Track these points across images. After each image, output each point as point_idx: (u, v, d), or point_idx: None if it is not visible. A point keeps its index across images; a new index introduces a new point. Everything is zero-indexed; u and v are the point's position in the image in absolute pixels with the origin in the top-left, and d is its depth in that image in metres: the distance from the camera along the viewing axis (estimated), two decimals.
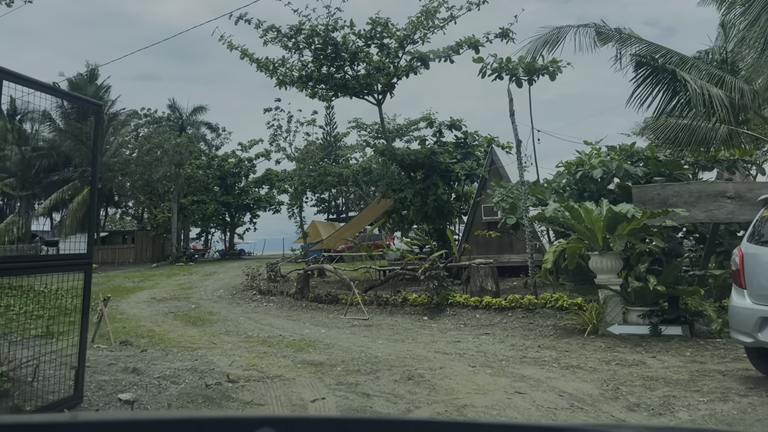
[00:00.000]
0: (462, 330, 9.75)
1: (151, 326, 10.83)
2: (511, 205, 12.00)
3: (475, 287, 11.19)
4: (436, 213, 16.80)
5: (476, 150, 17.22)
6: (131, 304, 14.77)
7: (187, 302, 15.04)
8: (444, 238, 17.46)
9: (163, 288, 19.70)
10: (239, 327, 10.60)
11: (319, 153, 41.30)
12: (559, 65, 14.26)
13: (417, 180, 17.19)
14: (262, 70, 16.96)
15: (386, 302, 12.03)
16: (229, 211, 45.18)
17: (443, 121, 17.26)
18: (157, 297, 16.34)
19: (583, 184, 12.41)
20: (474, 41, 16.49)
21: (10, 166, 39.13)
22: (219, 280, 22.24)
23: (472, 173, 16.22)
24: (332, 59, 15.99)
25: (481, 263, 11.28)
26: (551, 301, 10.37)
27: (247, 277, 17.54)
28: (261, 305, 14.07)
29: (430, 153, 16.14)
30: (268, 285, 16.44)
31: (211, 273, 26.67)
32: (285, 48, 15.83)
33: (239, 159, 43.88)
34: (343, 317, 11.53)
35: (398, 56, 16.44)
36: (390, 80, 17.07)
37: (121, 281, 23.78)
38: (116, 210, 49.15)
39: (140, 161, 36.46)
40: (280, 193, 46.31)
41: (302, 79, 17.06)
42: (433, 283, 10.99)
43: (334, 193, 52.03)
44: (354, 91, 17.37)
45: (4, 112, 42.48)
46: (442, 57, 16.76)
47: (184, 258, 39.75)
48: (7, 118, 42.04)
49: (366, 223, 20.04)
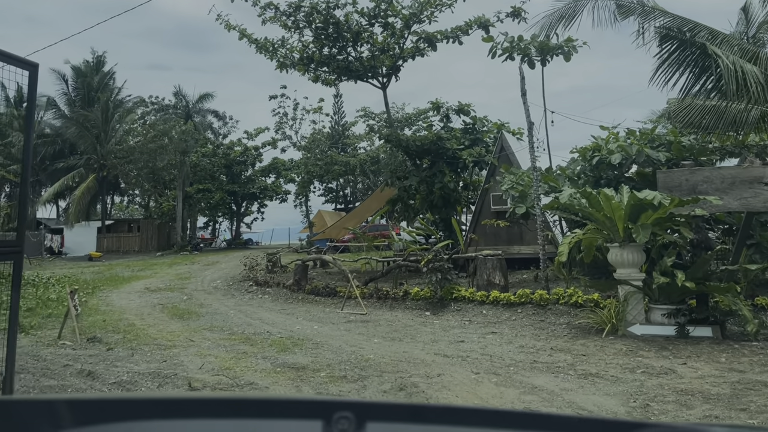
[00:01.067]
0: (466, 328, 8.93)
1: (133, 319, 10.14)
2: (521, 193, 11.12)
3: (482, 281, 10.36)
4: (443, 202, 15.94)
5: (485, 136, 16.30)
6: (122, 295, 14.13)
7: (180, 293, 14.37)
8: (450, 228, 16.61)
9: (160, 278, 19.08)
10: (226, 321, 9.87)
11: (326, 141, 40.55)
12: (574, 44, 13.31)
13: (423, 167, 16.33)
14: (262, 51, 16.16)
15: (386, 296, 11.25)
16: (235, 200, 44.57)
17: (451, 106, 16.36)
18: (151, 287, 15.71)
19: (599, 170, 11.49)
20: (484, 21, 15.56)
21: (15, 153, 38.73)
22: (219, 270, 21.62)
23: (481, 160, 15.32)
24: (334, 39, 15.14)
25: (489, 255, 10.45)
26: (564, 296, 9.52)
27: (245, 268, 16.83)
28: (256, 297, 13.35)
29: (437, 139, 15.26)
30: (265, 276, 15.73)
31: (213, 263, 26.08)
32: (284, 27, 15.00)
33: (245, 147, 43.20)
34: (340, 311, 10.77)
35: (404, 36, 15.54)
36: (395, 62, 16.20)
37: (120, 270, 23.24)
38: (122, 198, 48.74)
39: (144, 148, 35.86)
40: (286, 183, 45.61)
41: (303, 61, 16.23)
42: (437, 276, 10.18)
43: (342, 183, 51.28)
44: (357, 74, 16.52)
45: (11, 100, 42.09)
46: (450, 38, 15.86)
47: (189, 247, 39.26)
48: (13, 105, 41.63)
49: (370, 212, 19.25)
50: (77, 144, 39.50)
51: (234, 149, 42.65)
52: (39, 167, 40.54)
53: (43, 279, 16.55)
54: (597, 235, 8.22)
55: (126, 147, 36.95)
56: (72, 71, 40.28)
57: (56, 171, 39.80)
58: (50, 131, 40.78)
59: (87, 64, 41.41)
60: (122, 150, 36.75)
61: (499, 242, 15.44)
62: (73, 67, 40.23)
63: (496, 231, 15.34)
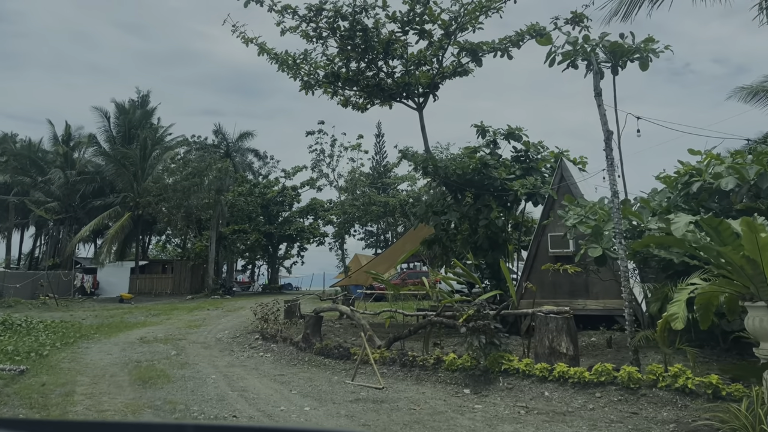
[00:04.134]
0: (523, 420, 6.12)
1: (82, 385, 7.82)
2: (594, 230, 8.35)
3: (542, 348, 7.54)
4: (488, 243, 13.23)
5: (540, 165, 13.62)
6: (105, 347, 11.95)
7: (173, 346, 12.07)
8: (498, 276, 13.79)
9: (168, 325, 16.97)
10: (195, 393, 7.39)
11: (364, 181, 38.55)
12: (654, 48, 10.71)
13: (464, 202, 13.75)
14: (284, 68, 14.25)
15: (413, 362, 8.53)
16: (271, 242, 42.82)
17: (498, 129, 13.85)
18: (147, 338, 13.51)
19: (699, 200, 8.63)
20: (538, 29, 13.19)
21: (54, 190, 38.52)
22: (237, 318, 19.40)
23: (535, 193, 12.62)
24: (362, 51, 13.04)
25: (552, 312, 7.65)
26: (666, 377, 6.59)
27: (255, 318, 14.43)
28: (255, 355, 10.86)
29: (482, 166, 12.70)
30: (276, 328, 13.29)
31: (236, 309, 23.96)
32: (305, 37, 13.03)
33: (283, 187, 41.73)
34: (350, 382, 8.13)
35: (443, 47, 13.30)
36: (433, 79, 13.93)
37: (135, 315, 21.35)
38: (159, 238, 47.94)
39: (178, 186, 34.78)
40: (325, 224, 43.68)
41: (329, 78, 14.19)
42: (480, 339, 7.44)
43: (383, 227, 48.96)
44: (390, 93, 14.33)
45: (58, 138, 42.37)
46: (497, 50, 13.51)
47: (221, 291, 37.50)
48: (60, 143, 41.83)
49: (403, 253, 16.66)
50: (115, 182, 39.02)
51: (271, 189, 41.24)
52: (78, 205, 40.20)
53: (31, 323, 14.67)
54: (725, 287, 5.37)
55: (161, 185, 35.99)
56: (115, 109, 40.30)
57: (94, 209, 39.27)
58: (91, 168, 40.58)
59: (131, 103, 41.46)
60: (157, 188, 35.80)
61: (558, 294, 12.53)
62: (117, 104, 40.26)
63: (555, 280, 12.47)
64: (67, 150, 39.39)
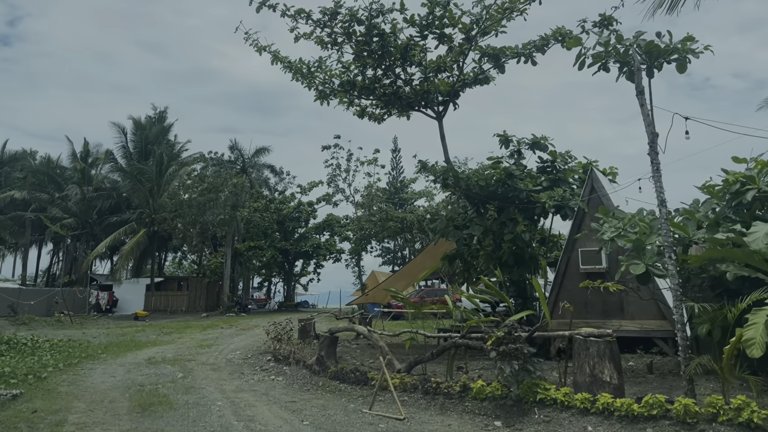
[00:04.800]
0: None
1: (76, 412, 7.20)
2: (636, 245, 7.57)
3: (582, 375, 6.74)
4: (514, 259, 12.44)
5: (568, 176, 12.85)
6: (110, 369, 11.37)
7: (181, 368, 11.44)
8: (524, 294, 12.98)
9: (179, 345, 16.39)
10: (197, 424, 6.72)
11: (381, 196, 37.91)
12: (693, 48, 9.95)
13: (488, 215, 13.01)
14: (298, 77, 13.75)
15: (437, 389, 7.76)
16: (286, 259, 42.26)
17: (522, 139, 13.13)
18: (155, 358, 12.92)
19: (752, 210, 7.80)
20: (564, 33, 12.53)
21: (71, 206, 38.52)
22: (251, 336, 18.79)
23: (564, 205, 11.84)
24: (379, 57, 12.48)
25: (592, 335, 6.85)
26: (727, 410, 5.75)
27: (267, 337, 13.75)
28: (266, 379, 10.16)
29: (506, 176, 11.97)
30: (290, 348, 12.61)
31: (251, 327, 23.38)
32: (320, 44, 12.52)
33: (299, 203, 41.27)
34: (367, 411, 7.39)
35: (463, 52, 12.68)
36: (453, 86, 13.31)
37: (147, 334, 20.84)
38: (175, 254, 47.68)
39: (193, 201, 34.50)
40: (341, 241, 43.04)
41: (344, 87, 13.65)
42: (512, 366, 6.66)
43: (400, 243, 48.18)
44: (408, 102, 13.74)
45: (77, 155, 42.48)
46: (521, 56, 12.86)
47: (236, 308, 36.96)
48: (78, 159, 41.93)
49: (423, 270, 15.90)
50: (131, 198, 38.93)
51: (287, 204, 40.81)
52: (95, 221, 40.17)
53: (37, 342, 14.17)
54: None
55: (177, 201, 35.75)
56: (132, 125, 40.35)
57: (110, 225, 39.17)
58: (108, 185, 40.59)
59: (148, 119, 41.53)
60: (172, 204, 35.55)
61: (590, 314, 11.66)
62: (134, 120, 40.32)
63: (587, 299, 11.61)
64: (84, 166, 39.46)
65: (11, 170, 41.62)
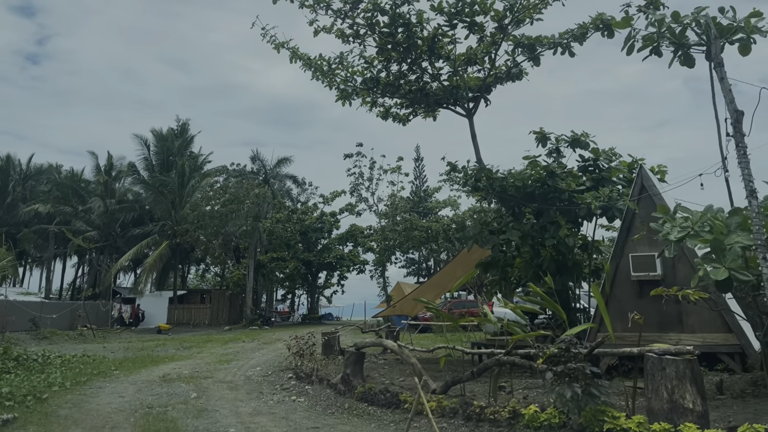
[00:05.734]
0: None
1: None
2: (714, 245, 6.48)
3: (658, 401, 5.66)
4: (556, 266, 11.35)
5: (613, 174, 11.75)
6: (121, 387, 10.59)
7: (195, 387, 10.60)
8: (567, 305, 11.83)
9: (198, 360, 15.63)
10: None
11: (405, 205, 36.94)
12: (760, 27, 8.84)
13: (525, 218, 11.96)
14: (318, 75, 12.97)
15: (481, 414, 6.74)
16: (310, 270, 41.50)
17: (561, 136, 12.09)
18: (170, 375, 12.13)
19: None
20: (605, 20, 11.49)
21: (94, 219, 38.45)
22: (273, 351, 18.01)
23: (612, 206, 10.74)
24: (404, 50, 11.61)
25: (668, 352, 5.78)
26: None
27: (289, 352, 12.87)
28: (287, 399, 9.24)
29: (547, 175, 10.94)
30: (313, 365, 11.71)
31: (273, 341, 22.62)
32: (341, 37, 11.71)
33: (322, 213, 40.58)
34: None
35: (496, 43, 11.74)
36: (485, 80, 12.36)
37: (167, 348, 20.20)
38: (198, 267, 47.34)
39: (214, 213, 34.02)
40: (365, 252, 42.15)
41: (367, 85, 12.81)
42: (573, 389, 5.61)
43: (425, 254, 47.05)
44: (436, 99, 12.82)
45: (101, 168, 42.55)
46: (557, 46, 11.86)
47: (259, 321, 36.27)
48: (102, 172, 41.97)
49: (454, 280, 14.87)
50: (154, 210, 38.73)
51: (310, 215, 40.15)
52: (118, 234, 40.05)
53: (48, 358, 13.51)
54: None
55: (199, 212, 35.34)
56: (153, 137, 40.28)
57: (133, 237, 39.01)
58: (131, 197, 40.50)
59: (170, 131, 41.44)
60: (194, 215, 35.16)
61: (644, 327, 10.44)
62: (156, 132, 40.24)
63: (639, 310, 10.33)
64: (107, 179, 39.45)
65: (36, 184, 41.86)
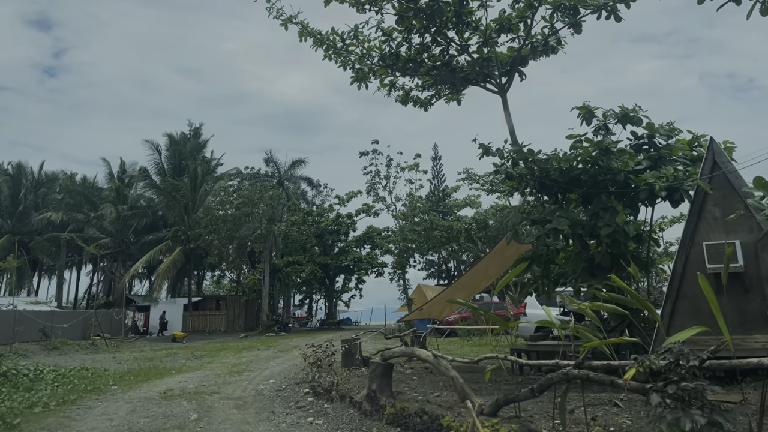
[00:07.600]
0: None
1: None
2: None
3: None
4: (611, 260, 9.77)
5: (675, 152, 10.15)
6: (113, 406, 9.27)
7: (198, 405, 9.22)
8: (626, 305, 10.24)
9: (207, 371, 14.33)
10: None
11: (424, 204, 35.39)
12: None
13: (571, 204, 10.43)
14: (330, 54, 11.60)
15: None
16: (327, 274, 40.14)
17: (609, 111, 10.53)
18: (173, 391, 10.80)
19: None
20: None
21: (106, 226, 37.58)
22: (289, 359, 16.68)
23: (678, 187, 9.17)
24: (428, 18, 10.18)
25: None
26: None
27: (305, 363, 11.44)
28: (303, 421, 7.80)
29: (600, 153, 9.41)
30: (332, 378, 10.29)
31: (290, 348, 21.32)
32: (356, 5, 10.31)
33: (338, 214, 39.23)
34: None
35: (533, 5, 10.25)
36: (519, 50, 10.87)
37: (176, 358, 18.99)
38: (213, 273, 46.28)
39: (228, 216, 32.86)
40: (383, 254, 40.68)
41: (385, 61, 11.39)
42: (692, 418, 4.07)
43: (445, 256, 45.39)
44: (464, 75, 11.35)
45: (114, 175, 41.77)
46: (602, 9, 10.31)
47: (276, 327, 34.99)
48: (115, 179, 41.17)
49: (488, 279, 13.30)
50: (166, 215, 37.77)
51: (326, 217, 38.83)
52: (131, 240, 39.16)
53: (40, 373, 12.27)
54: None
55: (212, 216, 34.23)
56: (167, 140, 39.40)
57: (146, 244, 38.06)
58: (143, 203, 39.61)
59: (182, 135, 40.54)
60: (207, 219, 34.05)
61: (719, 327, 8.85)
62: (168, 136, 39.36)
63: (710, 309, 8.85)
64: (119, 185, 38.60)
65: (48, 191, 41.20)
